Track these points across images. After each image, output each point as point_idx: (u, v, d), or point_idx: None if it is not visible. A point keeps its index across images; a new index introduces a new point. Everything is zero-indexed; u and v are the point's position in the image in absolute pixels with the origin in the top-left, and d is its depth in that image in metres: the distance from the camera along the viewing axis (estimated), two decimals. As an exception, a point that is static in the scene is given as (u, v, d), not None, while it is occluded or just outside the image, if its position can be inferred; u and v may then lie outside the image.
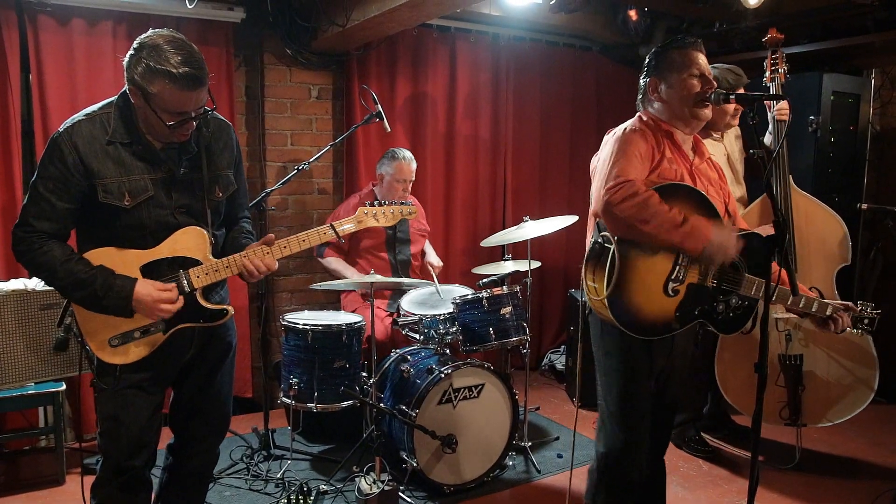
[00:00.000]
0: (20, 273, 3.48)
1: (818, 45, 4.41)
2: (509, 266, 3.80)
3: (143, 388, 2.11)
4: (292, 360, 3.36)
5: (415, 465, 3.13)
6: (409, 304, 3.70)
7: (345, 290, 4.12)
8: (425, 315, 3.52)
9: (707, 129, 3.30)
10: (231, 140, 2.24)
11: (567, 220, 3.67)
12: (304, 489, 3.08)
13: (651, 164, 2.16)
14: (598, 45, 5.32)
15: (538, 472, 3.49)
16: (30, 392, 3.22)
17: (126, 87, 1.98)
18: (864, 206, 3.84)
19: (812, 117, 4.26)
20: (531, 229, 3.65)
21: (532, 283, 3.82)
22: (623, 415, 2.30)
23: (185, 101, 1.94)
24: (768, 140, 3.59)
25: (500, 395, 3.36)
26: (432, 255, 4.31)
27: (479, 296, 3.43)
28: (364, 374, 3.46)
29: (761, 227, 3.36)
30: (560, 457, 3.67)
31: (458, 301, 3.45)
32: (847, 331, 2.38)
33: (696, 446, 3.76)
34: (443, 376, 3.17)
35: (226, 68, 4.04)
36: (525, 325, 3.51)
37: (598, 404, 2.40)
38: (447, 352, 3.42)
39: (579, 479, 2.62)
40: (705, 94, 2.21)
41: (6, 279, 3.41)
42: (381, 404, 3.31)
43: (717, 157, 3.28)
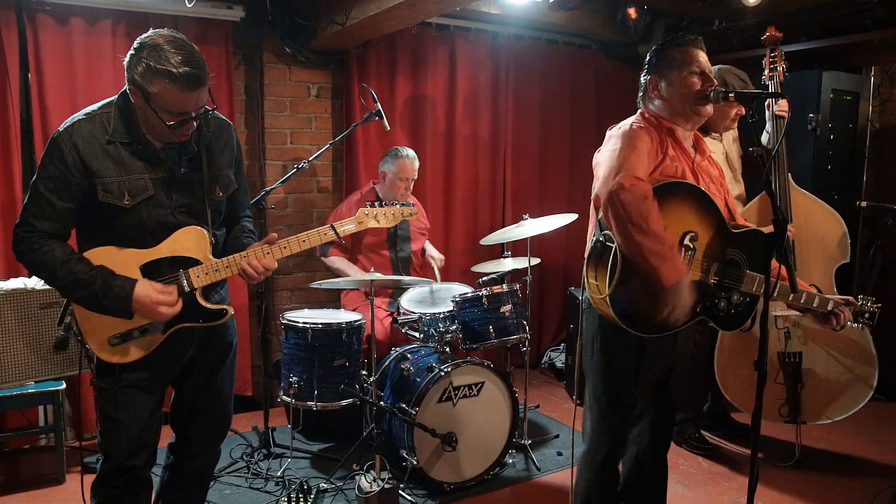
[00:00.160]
0: (20, 272, 3.48)
1: (817, 43, 4.42)
2: (509, 264, 3.80)
3: (142, 387, 2.11)
4: (292, 358, 3.37)
5: (415, 463, 3.14)
6: (409, 302, 3.70)
7: (345, 289, 4.12)
8: (425, 313, 3.53)
9: (706, 129, 3.29)
10: (232, 139, 2.23)
11: (567, 219, 3.67)
12: (305, 487, 3.09)
13: (655, 161, 2.16)
14: (597, 43, 5.31)
15: (538, 469, 3.50)
16: (30, 391, 3.22)
17: (126, 86, 1.97)
18: (864, 204, 3.84)
19: (811, 115, 4.26)
20: (531, 227, 3.65)
21: (532, 281, 3.82)
22: (612, 412, 2.32)
23: (186, 101, 1.93)
24: (765, 139, 3.59)
25: (500, 393, 3.36)
26: (433, 250, 4.32)
27: (479, 294, 3.43)
28: (364, 372, 3.47)
29: (763, 228, 3.38)
30: (560, 454, 3.68)
31: (457, 299, 3.45)
32: (848, 325, 2.39)
33: (695, 444, 3.76)
34: (443, 374, 3.17)
35: (225, 67, 4.03)
36: (525, 323, 3.51)
37: (584, 402, 2.41)
38: (447, 350, 3.42)
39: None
40: (706, 91, 2.21)
41: (6, 278, 3.40)
42: (381, 402, 3.32)
43: (716, 155, 3.27)
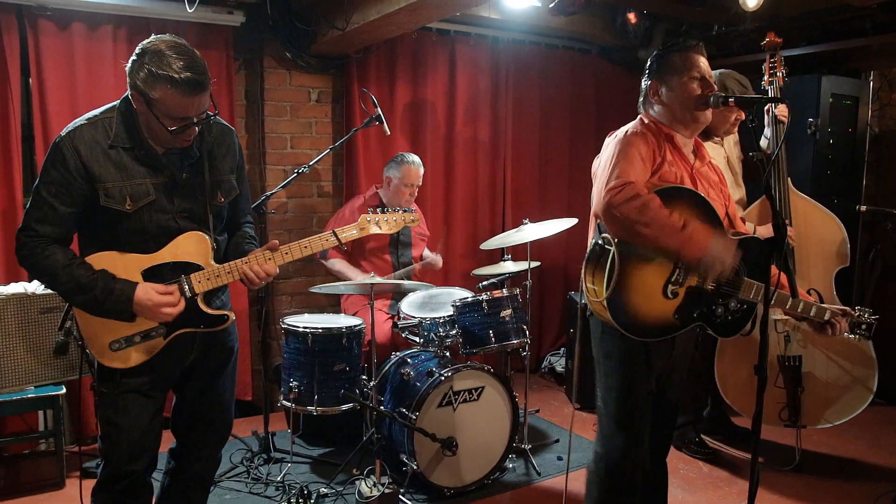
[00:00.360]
0: (20, 276, 3.48)
1: (817, 48, 4.42)
2: (509, 269, 3.80)
3: (143, 392, 2.12)
4: (292, 363, 3.37)
5: (415, 467, 3.14)
6: (409, 306, 3.70)
7: (345, 293, 4.12)
8: (425, 318, 3.53)
9: (707, 134, 3.30)
10: (234, 145, 2.24)
11: (567, 223, 3.68)
12: (305, 492, 3.09)
13: (652, 166, 2.16)
14: (597, 47, 5.33)
15: (538, 474, 3.49)
16: (30, 396, 3.22)
17: (128, 92, 1.98)
18: (863, 209, 3.86)
19: (811, 119, 4.27)
20: (531, 232, 3.65)
21: (532, 285, 3.82)
22: (623, 417, 2.30)
23: (188, 107, 1.94)
24: (764, 144, 3.60)
25: (500, 398, 3.36)
26: (431, 253, 4.32)
27: (479, 298, 3.43)
28: (364, 377, 3.47)
29: (761, 228, 3.38)
30: (560, 459, 3.67)
31: (457, 304, 3.45)
32: (844, 336, 2.38)
33: (696, 448, 3.76)
34: (443, 379, 3.17)
35: (225, 72, 4.04)
36: (525, 327, 3.51)
37: (597, 406, 2.40)
38: (447, 354, 3.43)
39: (578, 482, 2.62)
40: (705, 97, 2.21)
41: (6, 283, 3.41)
42: (382, 407, 3.31)
43: (717, 160, 3.28)
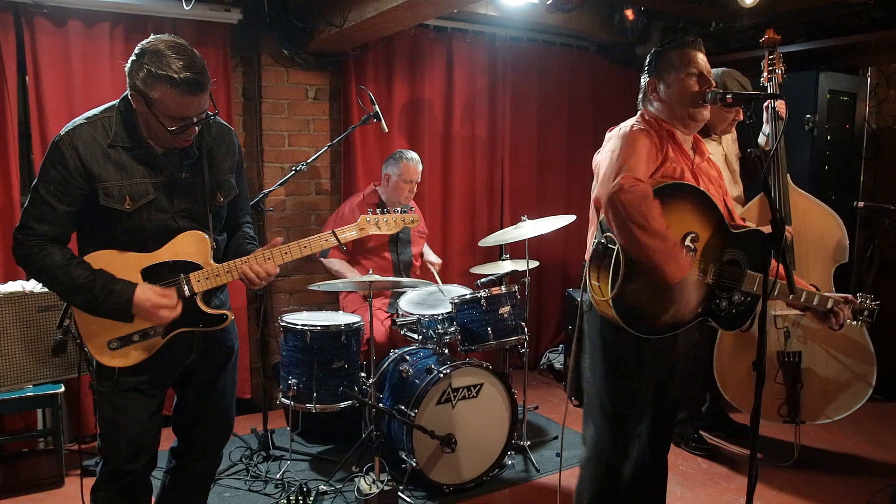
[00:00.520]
0: (18, 275, 3.47)
1: (814, 44, 4.43)
2: (507, 266, 3.80)
3: (142, 391, 2.11)
4: (291, 360, 3.37)
5: (414, 464, 3.14)
6: (408, 304, 3.70)
7: (343, 291, 4.12)
8: (424, 315, 3.53)
9: (705, 132, 3.30)
10: (233, 145, 2.24)
11: (565, 220, 3.67)
12: (304, 490, 3.09)
13: (655, 163, 2.16)
14: (594, 44, 5.32)
15: (537, 471, 3.50)
16: (28, 394, 3.22)
17: (128, 91, 1.98)
18: (861, 205, 3.86)
19: (808, 116, 4.27)
20: (529, 229, 3.65)
21: (530, 282, 3.82)
22: (615, 412, 2.31)
23: (187, 106, 1.94)
24: (763, 140, 3.60)
25: (499, 395, 3.36)
26: (431, 255, 4.32)
27: (478, 295, 3.43)
28: (363, 374, 3.47)
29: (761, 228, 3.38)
30: (559, 456, 3.66)
31: (456, 301, 3.46)
32: (848, 322, 2.39)
33: (694, 445, 3.76)
34: (441, 376, 3.17)
35: (223, 70, 4.03)
36: (523, 324, 3.52)
37: (585, 401, 2.41)
38: (446, 352, 3.42)
39: (573, 479, 2.62)
40: (703, 93, 2.21)
41: (4, 281, 3.40)
42: (380, 404, 3.31)
43: (716, 157, 3.29)
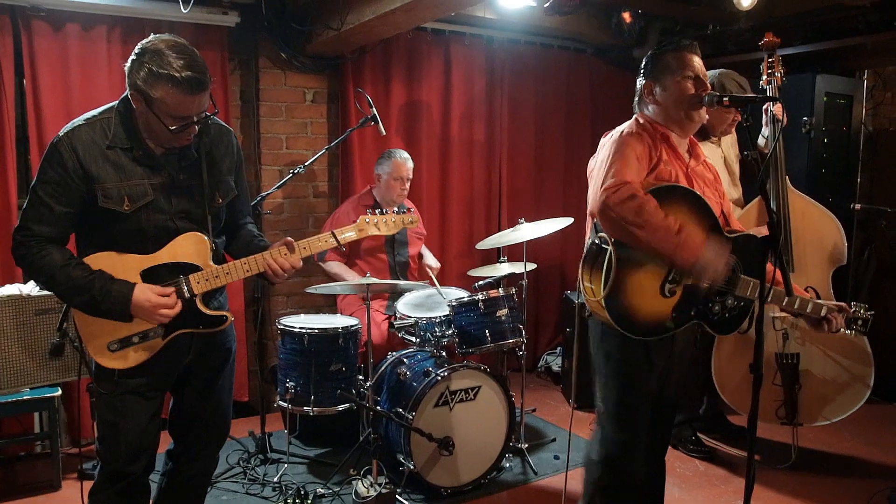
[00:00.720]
0: (15, 278, 3.47)
1: (811, 47, 4.44)
2: (505, 268, 3.80)
3: (141, 393, 2.11)
4: (288, 363, 3.36)
5: (412, 467, 3.13)
6: (406, 306, 3.70)
7: (341, 294, 4.12)
8: (421, 318, 3.53)
9: (704, 134, 3.30)
10: (232, 145, 2.24)
11: (562, 223, 3.68)
12: (301, 493, 3.08)
13: (648, 166, 2.16)
14: (592, 47, 5.33)
15: (535, 473, 3.50)
16: (25, 398, 3.21)
17: (128, 91, 1.98)
18: (858, 207, 3.86)
19: (805, 118, 4.28)
20: (527, 232, 3.65)
21: (528, 285, 3.82)
22: (622, 417, 2.30)
23: (188, 105, 1.94)
24: (762, 143, 3.61)
25: (497, 397, 3.36)
26: (430, 258, 4.31)
27: (476, 298, 3.43)
28: (360, 377, 3.46)
29: (757, 228, 3.39)
30: (557, 458, 3.68)
31: (454, 303, 3.46)
32: (841, 332, 2.39)
33: (692, 447, 3.76)
34: (439, 379, 3.17)
35: (221, 72, 4.03)
36: (521, 327, 3.52)
37: (596, 406, 2.40)
38: (443, 354, 3.43)
39: (576, 481, 2.62)
40: (699, 96, 2.22)
41: (1, 284, 3.39)
42: (378, 407, 3.31)
43: (715, 160, 3.29)
